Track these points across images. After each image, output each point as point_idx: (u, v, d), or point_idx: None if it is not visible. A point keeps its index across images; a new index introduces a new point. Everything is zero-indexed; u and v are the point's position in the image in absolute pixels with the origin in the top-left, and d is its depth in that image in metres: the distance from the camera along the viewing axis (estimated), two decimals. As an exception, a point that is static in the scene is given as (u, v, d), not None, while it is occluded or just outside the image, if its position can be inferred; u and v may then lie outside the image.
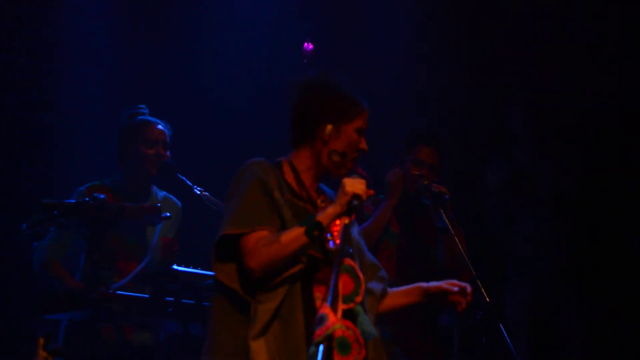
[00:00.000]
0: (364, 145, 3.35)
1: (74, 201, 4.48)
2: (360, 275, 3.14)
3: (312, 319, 2.96)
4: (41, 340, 3.85)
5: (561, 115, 5.97)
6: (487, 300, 4.06)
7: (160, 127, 4.81)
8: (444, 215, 4.47)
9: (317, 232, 3.09)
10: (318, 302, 3.14)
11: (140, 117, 4.83)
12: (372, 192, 3.18)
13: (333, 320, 2.66)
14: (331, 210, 3.10)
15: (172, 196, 4.92)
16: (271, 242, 3.08)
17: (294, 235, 3.08)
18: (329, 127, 3.30)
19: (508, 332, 4.02)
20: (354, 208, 3.06)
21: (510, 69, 6.04)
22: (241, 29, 6.22)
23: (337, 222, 3.23)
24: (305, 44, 6.33)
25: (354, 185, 3.10)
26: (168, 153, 4.79)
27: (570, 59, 5.89)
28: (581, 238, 5.77)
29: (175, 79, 6.09)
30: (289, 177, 3.33)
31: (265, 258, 3.07)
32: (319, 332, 2.63)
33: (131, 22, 6.09)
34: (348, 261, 3.12)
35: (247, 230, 3.11)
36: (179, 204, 4.93)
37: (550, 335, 5.66)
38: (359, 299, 3.11)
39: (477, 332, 4.14)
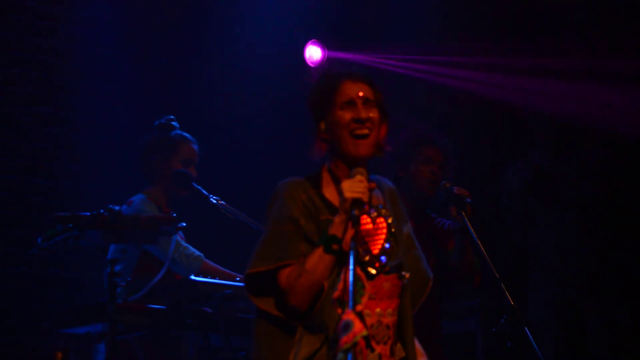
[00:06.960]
0: (355, 113, 3.09)
1: (88, 214, 4.44)
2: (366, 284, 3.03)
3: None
4: (59, 354, 3.81)
5: (582, 117, 5.91)
6: (512, 303, 3.99)
7: (195, 147, 4.77)
8: (465, 218, 4.38)
9: (335, 246, 2.97)
10: (367, 319, 3.02)
11: (176, 132, 4.78)
12: (373, 185, 3.05)
13: (360, 327, 2.60)
14: (337, 219, 2.98)
15: None
16: (300, 274, 2.99)
17: (316, 257, 2.99)
18: (322, 124, 3.16)
19: (533, 335, 3.96)
20: (354, 218, 2.90)
21: (530, 70, 5.99)
22: (251, 32, 6.20)
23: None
24: (309, 49, 6.30)
25: (352, 187, 2.96)
26: None
27: (592, 60, 5.84)
28: (604, 240, 5.71)
29: (188, 86, 6.05)
30: (329, 189, 3.16)
31: (302, 290, 2.98)
32: (346, 339, 2.58)
33: (142, 32, 6.05)
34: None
35: (270, 266, 3.03)
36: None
37: (575, 338, 5.59)
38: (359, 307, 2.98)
39: (501, 335, 4.06)
